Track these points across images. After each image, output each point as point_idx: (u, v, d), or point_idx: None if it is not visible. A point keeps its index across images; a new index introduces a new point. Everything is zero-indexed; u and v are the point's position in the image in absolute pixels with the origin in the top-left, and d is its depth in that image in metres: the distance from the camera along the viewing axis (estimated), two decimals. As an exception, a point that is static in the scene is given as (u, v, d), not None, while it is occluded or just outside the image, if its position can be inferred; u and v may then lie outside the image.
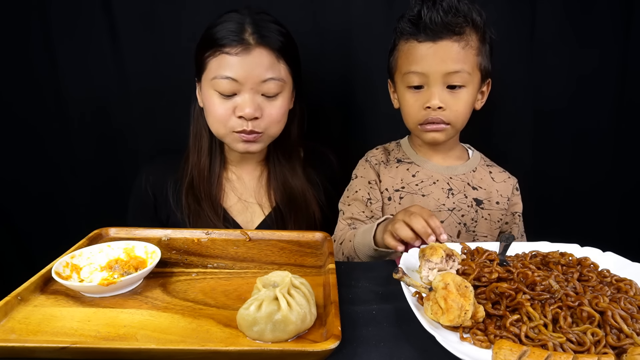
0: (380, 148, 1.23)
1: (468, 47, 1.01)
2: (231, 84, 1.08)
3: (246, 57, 1.07)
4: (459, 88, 1.03)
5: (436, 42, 1.00)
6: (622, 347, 0.61)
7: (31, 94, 1.43)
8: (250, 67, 1.07)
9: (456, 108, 1.03)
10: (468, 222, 1.10)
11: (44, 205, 1.53)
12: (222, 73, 1.08)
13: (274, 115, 1.13)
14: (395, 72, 1.10)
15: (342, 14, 1.39)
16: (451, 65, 1.00)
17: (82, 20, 1.38)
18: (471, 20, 1.01)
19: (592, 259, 0.81)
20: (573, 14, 1.35)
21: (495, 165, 1.19)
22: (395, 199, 1.12)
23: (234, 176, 1.28)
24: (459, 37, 1.00)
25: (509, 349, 0.58)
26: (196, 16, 1.36)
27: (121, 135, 1.48)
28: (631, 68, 1.38)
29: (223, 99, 1.11)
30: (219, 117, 1.12)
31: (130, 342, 0.63)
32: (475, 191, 1.12)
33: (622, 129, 1.43)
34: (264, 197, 1.27)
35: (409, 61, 1.04)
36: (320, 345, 0.60)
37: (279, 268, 0.86)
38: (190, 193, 1.20)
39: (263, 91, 1.10)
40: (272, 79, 1.09)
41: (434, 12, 0.99)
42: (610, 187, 1.47)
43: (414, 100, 1.05)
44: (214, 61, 1.10)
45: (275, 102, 1.13)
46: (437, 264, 0.74)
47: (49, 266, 0.79)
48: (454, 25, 0.99)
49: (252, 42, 1.07)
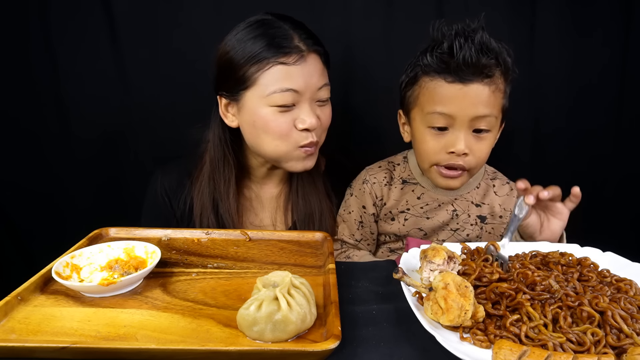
0: (383, 165, 1.17)
1: (497, 90, 0.96)
2: (293, 96, 1.01)
3: (304, 65, 1.01)
4: (484, 132, 0.97)
5: (466, 85, 0.94)
6: (622, 347, 0.61)
7: (31, 94, 1.43)
8: (308, 75, 1.01)
9: (479, 154, 0.99)
10: (472, 239, 1.09)
11: (43, 205, 1.53)
12: (283, 86, 1.00)
13: (326, 122, 1.08)
14: (414, 107, 1.03)
15: (342, 14, 1.39)
16: (481, 110, 0.94)
17: (82, 21, 1.38)
18: (503, 63, 0.96)
19: (592, 259, 0.81)
20: (573, 14, 1.35)
21: (499, 175, 1.16)
22: (400, 220, 1.11)
23: (252, 194, 1.22)
24: (489, 80, 0.95)
25: (509, 349, 0.58)
26: (196, 17, 1.36)
27: (121, 135, 1.48)
28: (631, 68, 1.38)
29: (282, 113, 1.02)
30: (280, 132, 1.03)
31: (130, 342, 0.63)
32: (479, 208, 1.10)
33: (623, 130, 1.43)
34: (280, 218, 1.21)
35: (434, 101, 0.97)
36: (320, 345, 0.60)
37: (279, 268, 0.86)
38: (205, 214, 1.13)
39: (317, 98, 1.05)
40: (325, 85, 1.05)
41: (467, 50, 0.92)
42: (611, 187, 1.47)
43: (435, 142, 0.99)
44: (269, 73, 1.00)
45: (325, 109, 1.08)
46: (439, 265, 0.74)
47: (49, 266, 0.79)
48: (485, 67, 0.93)
49: (304, 48, 1.01)
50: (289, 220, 1.21)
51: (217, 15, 1.36)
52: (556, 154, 1.47)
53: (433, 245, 0.78)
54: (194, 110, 1.40)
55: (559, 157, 1.47)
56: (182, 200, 1.16)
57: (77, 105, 1.45)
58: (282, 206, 1.21)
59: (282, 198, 1.22)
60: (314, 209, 1.18)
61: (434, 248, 0.76)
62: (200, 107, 1.19)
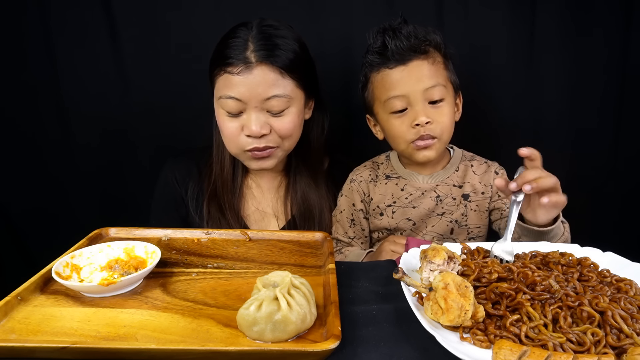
0: (368, 164, 1.25)
1: (436, 62, 1.07)
2: (236, 103, 1.08)
3: (248, 75, 1.06)
4: (439, 102, 1.06)
5: (407, 64, 1.05)
6: (622, 347, 0.61)
7: (31, 94, 1.43)
8: (252, 85, 1.06)
9: (441, 120, 1.06)
10: (459, 219, 1.13)
11: (43, 206, 1.53)
12: (226, 93, 1.08)
13: (282, 131, 1.12)
14: (374, 103, 1.12)
15: (342, 14, 1.39)
16: (427, 82, 1.04)
17: (81, 20, 1.38)
18: (432, 40, 1.07)
19: (592, 259, 0.81)
20: (573, 14, 1.35)
21: (476, 157, 1.21)
22: (388, 214, 1.16)
23: (253, 184, 1.28)
24: (425, 55, 1.06)
25: (509, 349, 0.58)
26: (196, 17, 1.36)
27: (121, 135, 1.48)
28: (632, 68, 1.38)
29: (230, 117, 1.11)
30: (229, 135, 1.12)
31: (130, 342, 0.63)
32: (461, 189, 1.15)
33: (622, 129, 1.43)
34: (280, 208, 1.27)
35: (386, 88, 1.07)
36: (320, 345, 0.60)
37: (279, 268, 0.86)
38: (213, 202, 1.21)
39: (268, 108, 1.09)
40: (275, 96, 1.08)
41: (396, 39, 1.04)
42: (611, 187, 1.47)
43: (401, 123, 1.07)
44: (220, 80, 1.10)
45: (282, 118, 1.11)
46: (439, 265, 0.74)
47: (49, 266, 0.79)
48: (418, 46, 1.05)
49: (253, 60, 1.06)
50: (289, 213, 1.26)
51: (216, 15, 1.36)
52: (556, 153, 1.46)
53: (433, 245, 0.78)
54: (194, 108, 1.40)
55: (559, 157, 1.46)
56: (190, 188, 1.24)
57: (76, 104, 1.45)
58: (282, 197, 1.27)
59: (282, 189, 1.28)
60: (314, 206, 1.24)
61: (434, 248, 0.76)
62: (200, 105, 1.20)
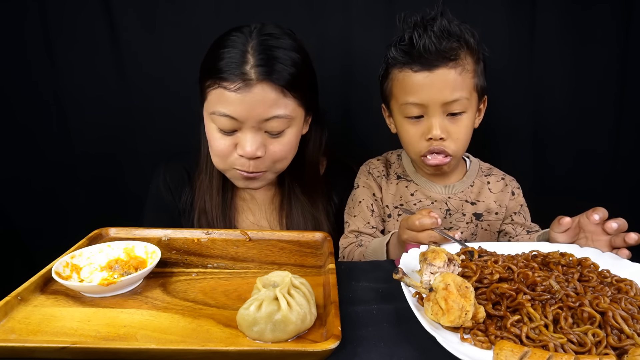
0: (381, 159, 1.19)
1: (464, 71, 0.97)
2: (230, 122, 0.98)
3: (247, 94, 0.95)
4: (459, 115, 0.99)
5: (432, 71, 0.96)
6: (623, 347, 0.61)
7: (30, 94, 1.43)
8: (250, 105, 0.96)
9: (457, 136, 1.00)
10: (468, 237, 1.09)
11: (44, 205, 1.53)
12: (220, 109, 0.97)
13: (278, 154, 1.04)
14: (391, 99, 1.06)
15: (342, 14, 1.39)
16: (449, 94, 0.96)
17: (81, 21, 1.38)
18: (465, 43, 0.97)
19: (592, 259, 0.81)
20: (573, 14, 1.35)
21: (494, 170, 1.17)
22: (394, 216, 1.12)
23: (247, 196, 1.21)
24: (454, 62, 0.96)
25: (510, 350, 0.57)
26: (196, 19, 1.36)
27: (121, 135, 1.48)
28: (632, 68, 1.38)
29: (223, 135, 1.01)
30: (219, 152, 1.03)
31: (130, 342, 0.63)
32: (474, 206, 1.10)
33: (624, 130, 1.43)
34: (275, 219, 1.21)
35: (405, 91, 0.99)
36: (320, 345, 0.60)
37: (279, 268, 0.86)
38: (202, 217, 1.14)
39: (266, 129, 1.00)
40: (276, 117, 0.98)
41: (426, 38, 0.94)
42: (611, 187, 1.47)
43: (414, 131, 1.01)
44: (213, 93, 0.99)
45: (281, 139, 1.03)
46: (439, 267, 0.73)
47: (49, 266, 0.79)
48: (448, 51, 0.95)
49: (253, 76, 0.95)
50: (284, 225, 1.20)
51: (216, 16, 1.36)
52: (557, 154, 1.47)
53: (432, 247, 0.78)
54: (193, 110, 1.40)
55: (560, 157, 1.47)
56: (183, 194, 1.18)
57: (76, 105, 1.45)
58: (277, 208, 1.21)
59: (277, 200, 1.22)
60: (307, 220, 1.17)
61: (433, 250, 0.75)
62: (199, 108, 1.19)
